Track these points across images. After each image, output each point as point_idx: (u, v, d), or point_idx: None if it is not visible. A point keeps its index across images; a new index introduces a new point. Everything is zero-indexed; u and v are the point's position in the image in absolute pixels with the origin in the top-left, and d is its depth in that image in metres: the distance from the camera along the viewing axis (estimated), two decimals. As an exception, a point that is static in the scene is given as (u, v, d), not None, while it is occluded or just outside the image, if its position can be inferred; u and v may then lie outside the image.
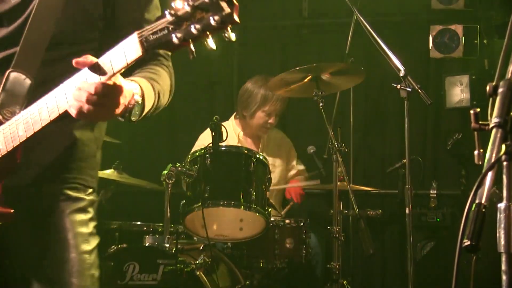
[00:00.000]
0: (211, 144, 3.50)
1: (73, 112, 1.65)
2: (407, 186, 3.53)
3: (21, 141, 1.76)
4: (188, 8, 1.46)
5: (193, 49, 1.51)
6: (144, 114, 1.81)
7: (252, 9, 5.42)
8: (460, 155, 4.98)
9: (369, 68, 4.34)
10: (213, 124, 3.44)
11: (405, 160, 3.60)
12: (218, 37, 1.51)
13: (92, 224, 1.98)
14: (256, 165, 3.59)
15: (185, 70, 5.58)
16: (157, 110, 1.94)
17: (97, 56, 1.69)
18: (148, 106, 1.81)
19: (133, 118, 1.76)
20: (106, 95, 1.63)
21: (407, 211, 3.49)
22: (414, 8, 5.24)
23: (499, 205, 1.25)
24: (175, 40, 1.48)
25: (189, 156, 3.66)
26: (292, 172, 4.73)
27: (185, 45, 1.50)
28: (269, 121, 4.44)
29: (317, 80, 3.92)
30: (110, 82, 1.63)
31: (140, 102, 1.75)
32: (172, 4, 1.49)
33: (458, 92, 4.99)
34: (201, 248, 3.70)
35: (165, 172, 3.47)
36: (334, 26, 5.36)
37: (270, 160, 4.34)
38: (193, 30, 1.46)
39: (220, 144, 3.51)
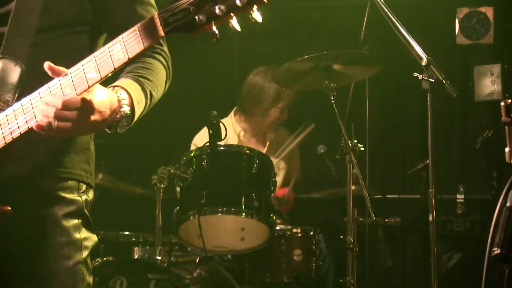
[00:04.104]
0: (208, 144, 3.51)
1: (43, 130, 1.74)
2: (430, 190, 3.53)
3: (21, 132, 1.82)
4: None
5: (217, 32, 1.57)
6: (135, 120, 1.89)
7: (254, -10, 5.42)
8: (491, 155, 4.98)
9: (387, 57, 4.35)
10: (211, 121, 3.45)
11: (428, 161, 3.61)
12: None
13: (86, 228, 2.04)
14: (259, 167, 3.60)
15: (178, 60, 5.59)
16: (150, 108, 2.01)
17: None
18: (138, 112, 1.89)
19: (120, 130, 1.84)
20: (78, 110, 1.70)
21: (430, 218, 3.49)
22: (438, -12, 5.26)
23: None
24: (197, 22, 1.54)
25: (184, 157, 3.67)
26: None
27: (207, 27, 1.56)
28: (283, 116, 4.50)
29: (328, 71, 3.92)
30: (82, 97, 1.70)
31: (128, 113, 1.83)
32: None
33: (488, 84, 4.99)
34: (197, 261, 3.71)
35: (156, 175, 3.48)
36: (347, 9, 5.36)
37: (274, 161, 4.35)
38: (217, 11, 1.53)
39: (218, 143, 3.52)
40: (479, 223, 4.82)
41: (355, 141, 3.78)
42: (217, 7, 1.53)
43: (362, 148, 3.82)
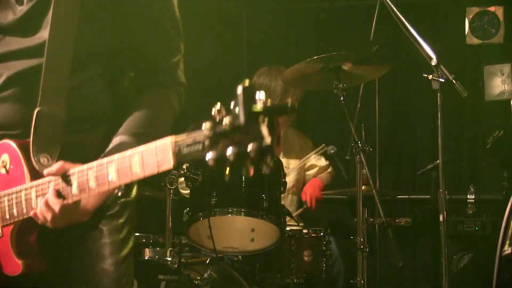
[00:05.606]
0: (218, 144, 3.51)
1: (38, 221, 1.79)
2: (440, 190, 3.52)
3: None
4: (227, 128, 1.45)
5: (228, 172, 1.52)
6: None
7: (263, -9, 5.43)
8: (502, 155, 4.96)
9: (396, 57, 4.34)
10: (220, 122, 3.44)
11: (438, 161, 3.59)
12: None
13: (126, 229, 2.03)
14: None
15: (187, 62, 5.59)
16: None
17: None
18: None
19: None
20: (72, 214, 1.76)
21: (441, 218, 3.48)
22: (448, -12, 5.24)
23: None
24: (209, 161, 1.48)
25: (193, 158, 3.66)
26: (312, 171, 4.72)
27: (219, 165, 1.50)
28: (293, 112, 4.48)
29: (338, 71, 3.91)
30: (79, 202, 1.75)
31: (120, 194, 1.91)
32: (213, 112, 1.49)
33: (499, 83, 4.97)
34: (207, 261, 3.71)
35: (166, 176, 3.48)
36: (357, 10, 5.35)
37: (284, 162, 4.34)
38: (228, 154, 1.46)
39: (228, 144, 3.51)
40: (490, 223, 4.80)
41: (365, 141, 3.77)
42: (229, 149, 1.46)
43: (372, 149, 3.82)
